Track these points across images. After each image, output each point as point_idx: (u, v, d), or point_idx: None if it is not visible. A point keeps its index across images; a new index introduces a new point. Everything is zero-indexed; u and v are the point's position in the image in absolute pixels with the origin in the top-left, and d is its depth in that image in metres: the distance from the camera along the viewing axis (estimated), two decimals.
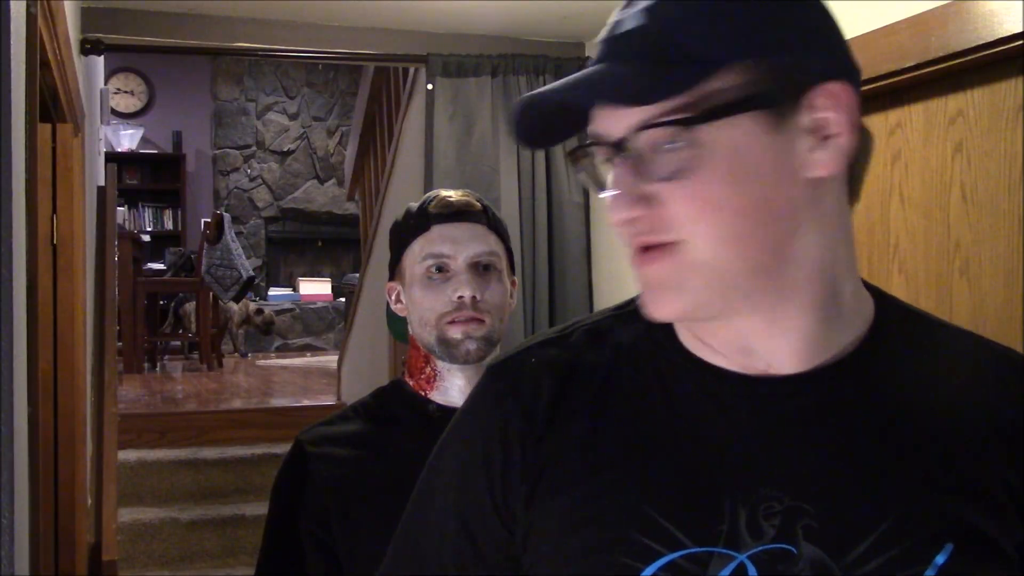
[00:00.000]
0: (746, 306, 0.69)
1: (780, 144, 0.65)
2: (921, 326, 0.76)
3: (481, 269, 1.30)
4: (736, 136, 0.64)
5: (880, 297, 0.76)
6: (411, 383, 1.36)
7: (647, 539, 0.68)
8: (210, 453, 4.26)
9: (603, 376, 0.76)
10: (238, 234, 8.05)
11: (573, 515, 0.71)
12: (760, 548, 0.66)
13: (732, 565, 0.66)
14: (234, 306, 7.21)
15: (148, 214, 9.08)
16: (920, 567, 0.64)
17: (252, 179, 9.36)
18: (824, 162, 0.66)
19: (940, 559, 0.64)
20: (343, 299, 8.47)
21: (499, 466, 0.75)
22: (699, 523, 0.67)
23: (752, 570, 0.65)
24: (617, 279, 3.53)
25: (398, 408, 1.35)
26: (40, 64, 1.69)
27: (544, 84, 3.54)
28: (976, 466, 0.67)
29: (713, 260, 0.66)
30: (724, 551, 0.66)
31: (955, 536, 0.64)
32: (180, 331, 7.21)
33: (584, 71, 0.66)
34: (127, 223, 8.29)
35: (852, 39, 0.71)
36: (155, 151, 9.13)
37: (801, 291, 0.69)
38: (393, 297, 1.36)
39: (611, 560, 0.68)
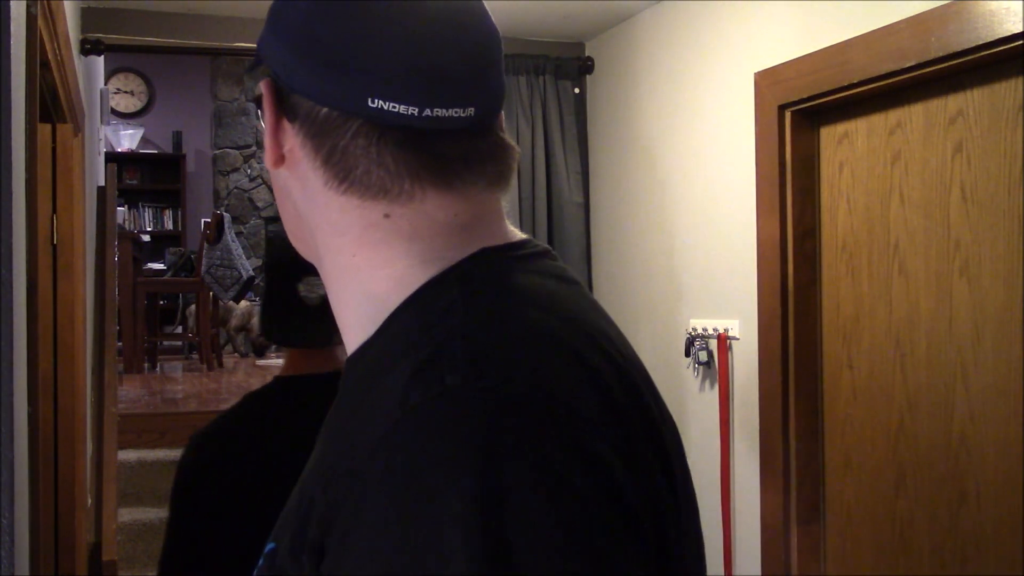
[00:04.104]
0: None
1: (274, 134, 0.70)
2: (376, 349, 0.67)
3: None
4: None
5: (403, 307, 0.66)
6: None
7: None
8: None
9: None
10: (238, 234, 8.05)
11: None
12: None
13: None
14: (235, 307, 7.20)
15: (148, 214, 9.08)
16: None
17: (252, 179, 9.35)
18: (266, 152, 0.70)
19: (267, 547, 0.66)
20: None
21: None
22: None
23: None
24: (617, 279, 3.53)
25: None
26: (40, 64, 1.69)
27: (544, 84, 3.57)
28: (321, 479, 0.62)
29: None
30: None
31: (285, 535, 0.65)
32: (187, 331, 7.21)
33: None
34: (127, 223, 8.29)
35: (852, 39, 0.71)
36: (155, 151, 9.14)
37: (321, 270, 0.73)
38: None
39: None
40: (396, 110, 0.63)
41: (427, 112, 0.63)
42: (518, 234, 0.71)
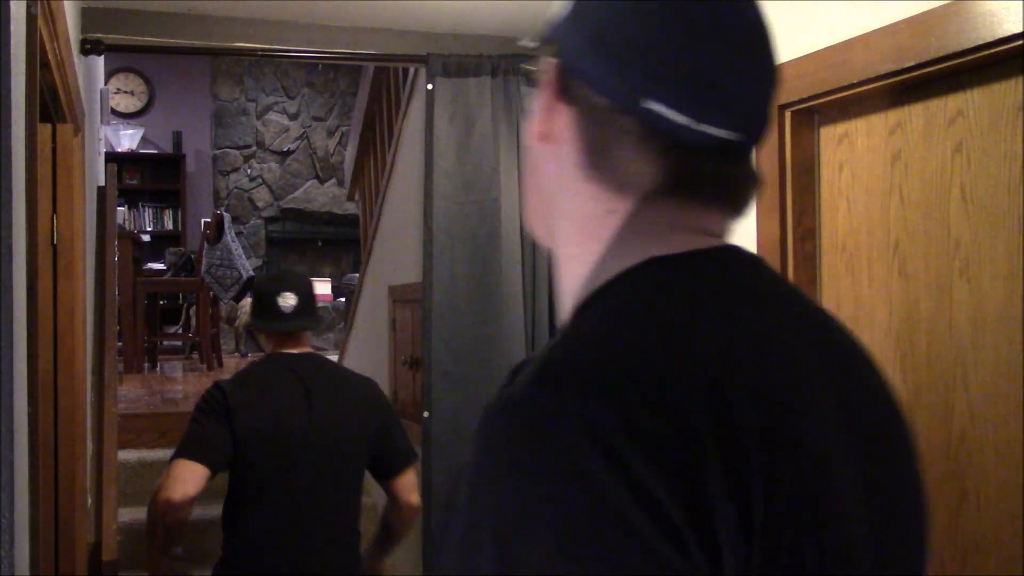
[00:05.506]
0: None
1: (547, 111, 0.72)
2: None
3: None
4: None
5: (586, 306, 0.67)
6: None
7: None
8: None
9: None
10: (238, 234, 8.06)
11: None
12: None
13: None
14: (244, 304, 7.17)
15: (148, 214, 9.08)
16: None
17: (252, 179, 9.36)
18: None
19: None
20: (343, 299, 8.47)
21: None
22: None
23: None
24: None
25: None
26: (40, 64, 1.69)
27: None
28: None
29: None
30: None
31: None
32: (190, 332, 7.21)
33: None
34: (127, 223, 8.30)
35: (852, 39, 0.72)
36: (155, 151, 9.14)
37: (553, 256, 0.73)
38: None
39: None
40: (670, 117, 0.62)
41: (701, 127, 0.63)
42: (723, 242, 0.71)
